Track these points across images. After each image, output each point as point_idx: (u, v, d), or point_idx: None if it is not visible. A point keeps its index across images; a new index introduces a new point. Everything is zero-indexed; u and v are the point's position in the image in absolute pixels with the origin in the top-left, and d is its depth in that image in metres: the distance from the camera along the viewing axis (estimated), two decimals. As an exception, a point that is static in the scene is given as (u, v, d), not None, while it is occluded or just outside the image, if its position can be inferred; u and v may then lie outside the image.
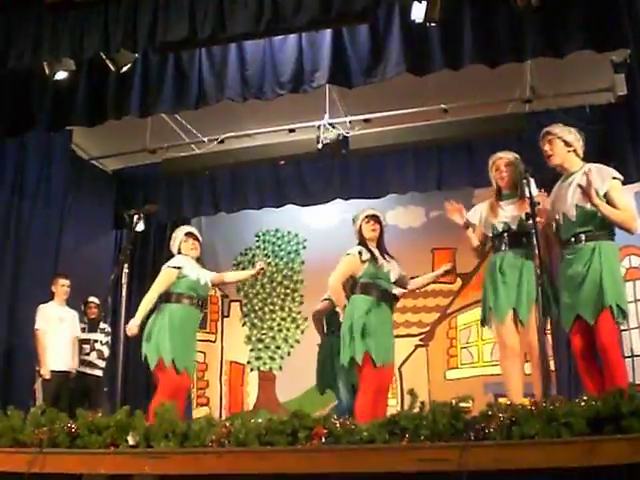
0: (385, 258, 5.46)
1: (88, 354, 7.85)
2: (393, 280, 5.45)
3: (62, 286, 7.63)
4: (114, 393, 5.23)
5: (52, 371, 7.25)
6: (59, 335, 7.45)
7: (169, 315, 5.54)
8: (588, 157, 4.70)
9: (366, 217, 5.49)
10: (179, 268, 5.63)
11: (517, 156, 4.93)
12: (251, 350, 9.96)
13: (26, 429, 4.19)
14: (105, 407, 6.96)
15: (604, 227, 4.35)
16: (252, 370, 9.90)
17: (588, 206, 4.32)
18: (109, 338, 8.03)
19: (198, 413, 9.39)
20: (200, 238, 5.99)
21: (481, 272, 6.66)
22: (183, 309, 5.61)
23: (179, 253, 5.80)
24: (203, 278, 5.79)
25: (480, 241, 4.99)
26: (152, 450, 3.79)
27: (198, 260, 5.90)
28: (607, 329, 4.21)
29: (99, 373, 7.92)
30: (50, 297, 7.59)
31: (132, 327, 5.45)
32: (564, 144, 4.55)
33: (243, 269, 10.21)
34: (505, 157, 4.91)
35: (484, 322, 4.87)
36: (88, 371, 7.82)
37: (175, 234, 5.93)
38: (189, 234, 5.90)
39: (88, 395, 7.72)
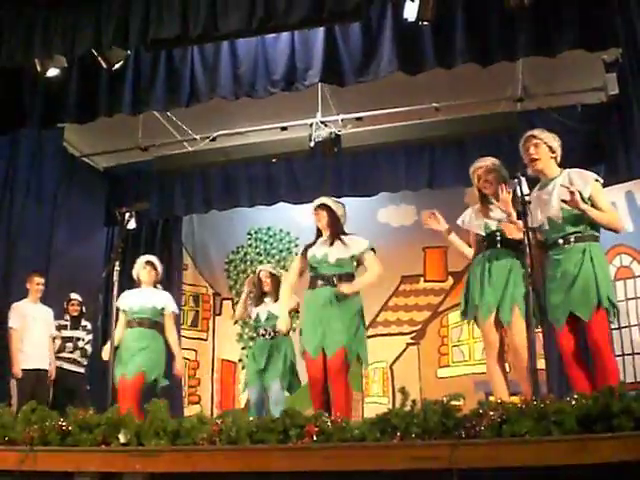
0: None
1: (72, 352, 7.79)
2: None
3: (37, 284, 7.43)
4: (105, 391, 5.21)
5: (24, 370, 7.11)
6: (32, 333, 7.30)
7: None
8: (579, 156, 4.71)
9: None
10: None
11: (495, 161, 4.87)
12: (243, 348, 9.94)
13: (17, 427, 4.18)
14: (87, 405, 6.93)
15: (592, 229, 4.38)
16: (244, 368, 9.88)
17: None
18: (90, 336, 7.96)
19: (189, 411, 9.36)
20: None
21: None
22: None
23: None
24: None
25: (474, 245, 4.92)
26: (143, 448, 3.78)
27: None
28: (601, 327, 4.24)
29: (82, 370, 7.87)
30: (24, 294, 7.41)
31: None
32: (549, 150, 4.54)
33: (235, 267, 10.23)
34: (484, 165, 4.85)
35: (465, 316, 4.86)
36: (71, 368, 7.76)
37: None
38: None
39: (71, 393, 7.58)
